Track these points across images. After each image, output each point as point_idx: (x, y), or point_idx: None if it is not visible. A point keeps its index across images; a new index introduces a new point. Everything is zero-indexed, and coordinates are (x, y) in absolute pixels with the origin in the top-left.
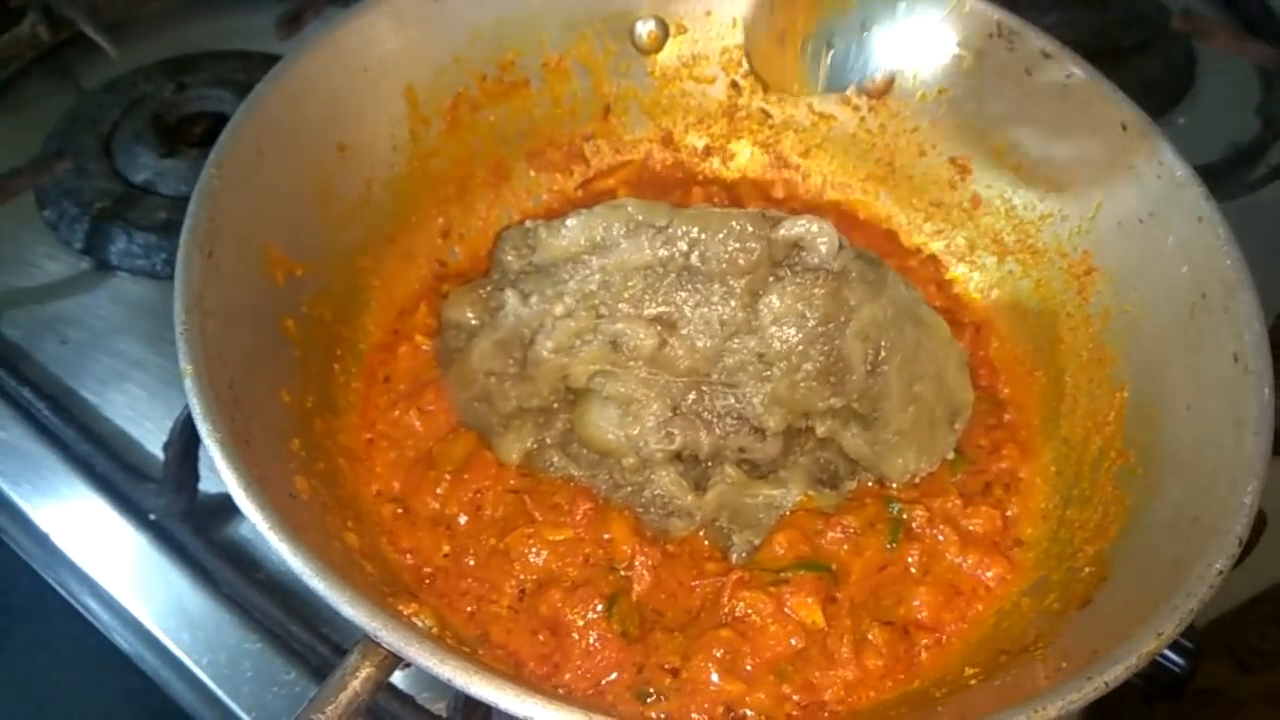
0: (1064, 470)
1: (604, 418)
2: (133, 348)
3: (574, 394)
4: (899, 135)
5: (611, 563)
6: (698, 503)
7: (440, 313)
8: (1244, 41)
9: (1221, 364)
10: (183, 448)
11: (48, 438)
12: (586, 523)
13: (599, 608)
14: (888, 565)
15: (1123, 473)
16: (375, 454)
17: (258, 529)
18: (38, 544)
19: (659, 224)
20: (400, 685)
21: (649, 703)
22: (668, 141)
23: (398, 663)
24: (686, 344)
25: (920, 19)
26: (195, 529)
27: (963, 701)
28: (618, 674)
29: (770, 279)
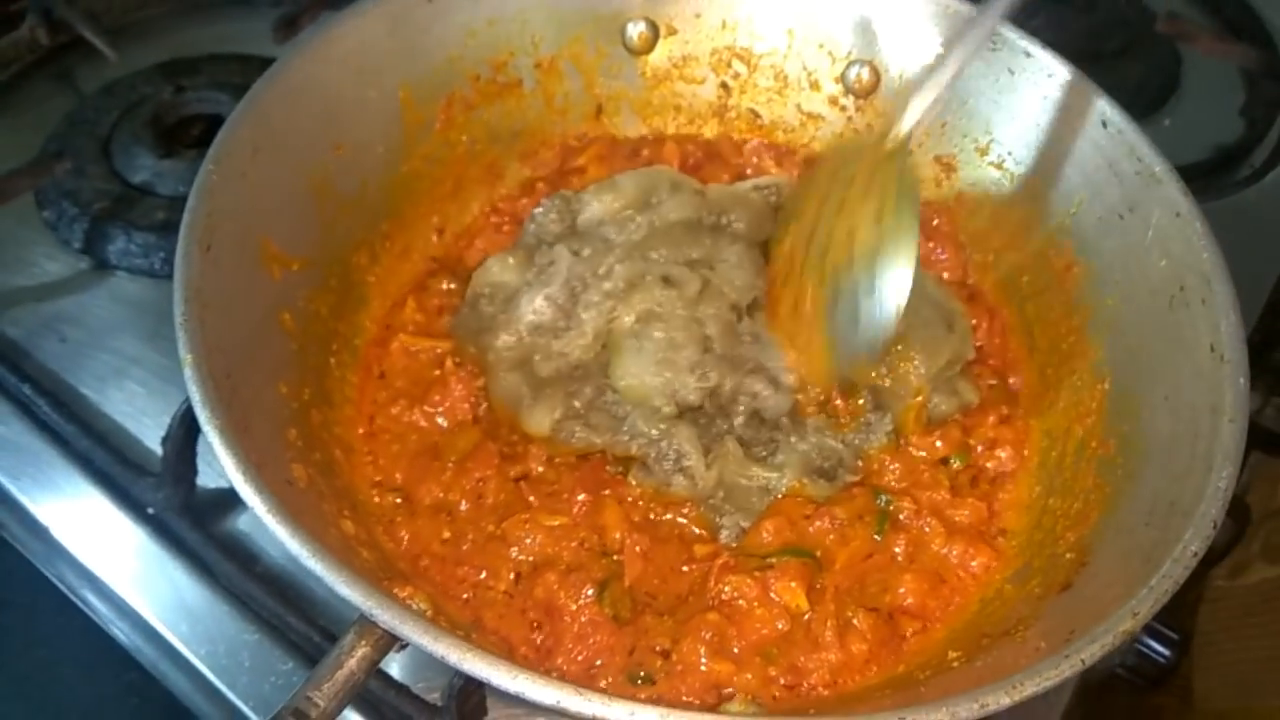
0: (1047, 461)
1: (641, 364)
2: (131, 345)
3: (610, 350)
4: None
5: (604, 548)
6: (703, 468)
7: (470, 284)
8: (1228, 44)
9: (1199, 354)
10: (181, 441)
11: (48, 434)
12: (582, 511)
13: (590, 592)
14: (874, 554)
15: (1103, 461)
16: (377, 447)
17: (256, 514)
18: (38, 538)
19: (696, 188)
20: (395, 675)
21: (640, 684)
22: (659, 141)
23: (393, 643)
24: (721, 287)
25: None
26: (193, 522)
27: (945, 682)
28: (609, 657)
29: None
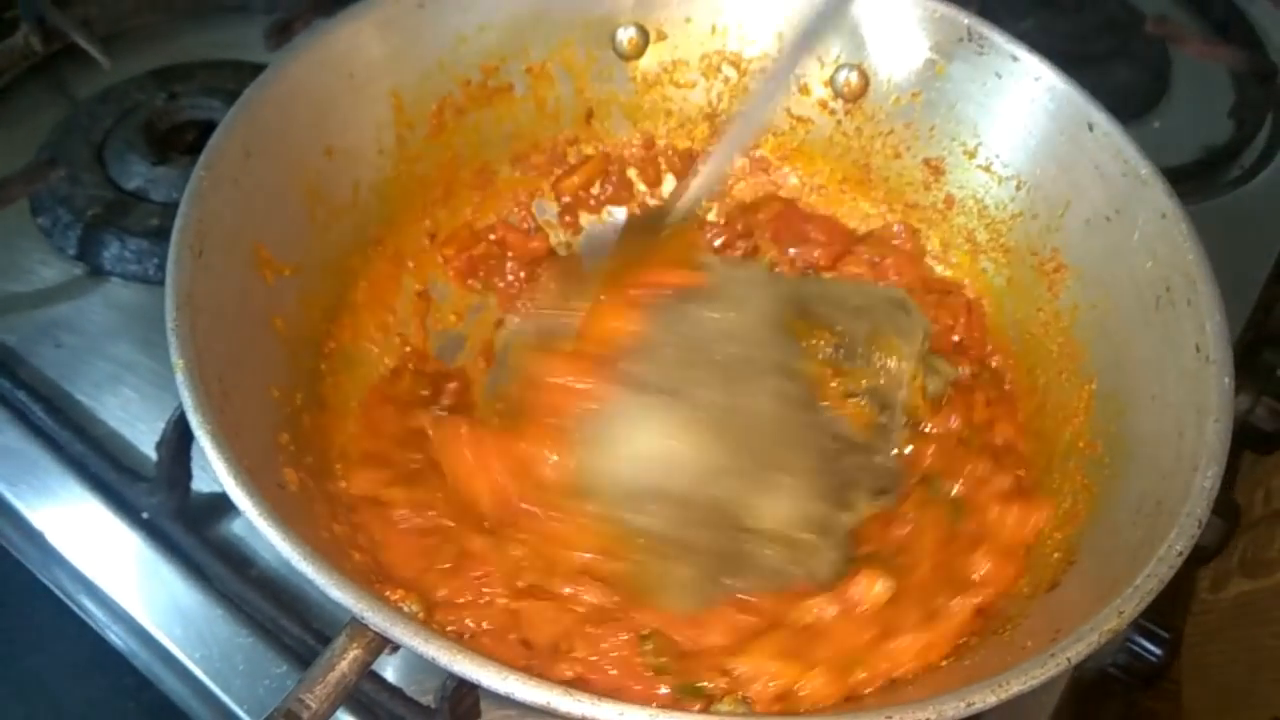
0: (1035, 462)
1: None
2: (126, 351)
3: None
4: (874, 138)
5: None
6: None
7: None
8: (1217, 46)
9: (1184, 355)
10: (175, 446)
11: (43, 439)
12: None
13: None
14: (949, 541)
15: (1090, 462)
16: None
17: (248, 520)
18: (33, 543)
19: None
20: (389, 677)
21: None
22: (649, 145)
23: (384, 645)
24: None
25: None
26: (188, 527)
27: (931, 681)
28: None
29: None
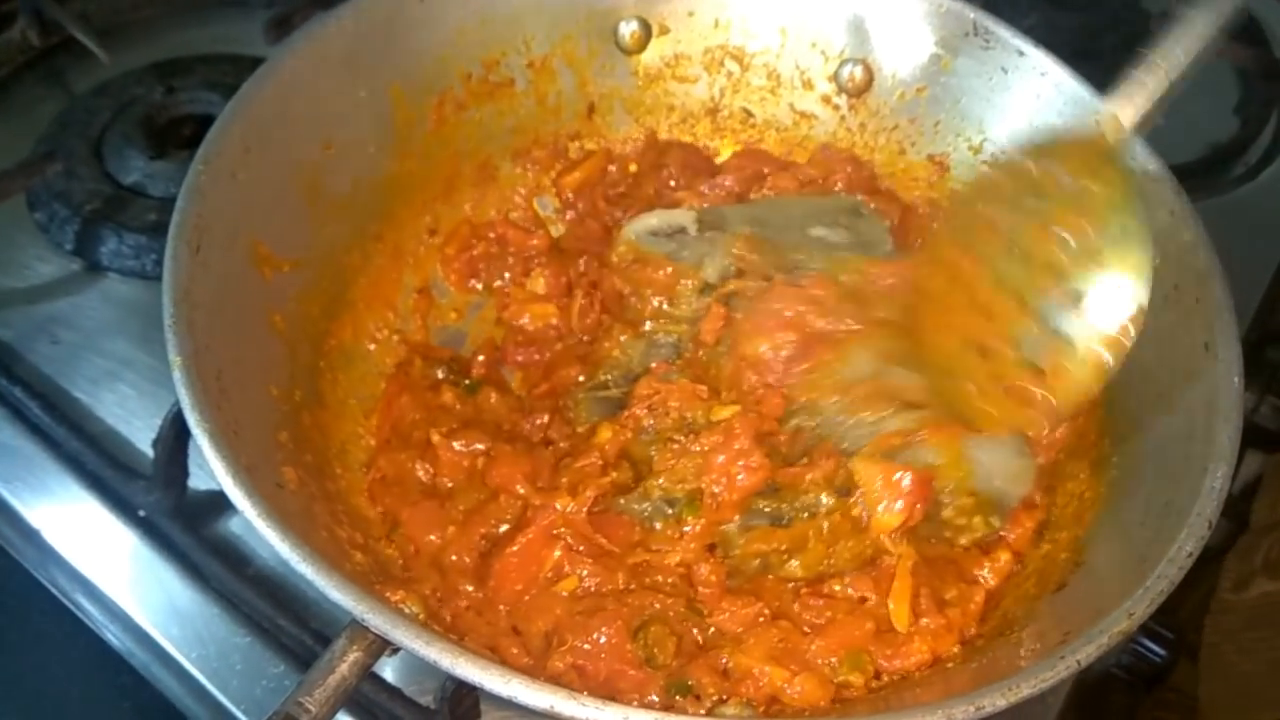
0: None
1: None
2: (123, 348)
3: None
4: (879, 133)
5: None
6: None
7: None
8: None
9: (1193, 353)
10: (172, 444)
11: (39, 436)
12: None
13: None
14: None
15: (1098, 461)
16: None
17: (246, 519)
18: (29, 541)
19: None
20: (388, 678)
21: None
22: (652, 140)
23: (385, 647)
24: None
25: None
26: (185, 525)
27: (941, 684)
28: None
29: None
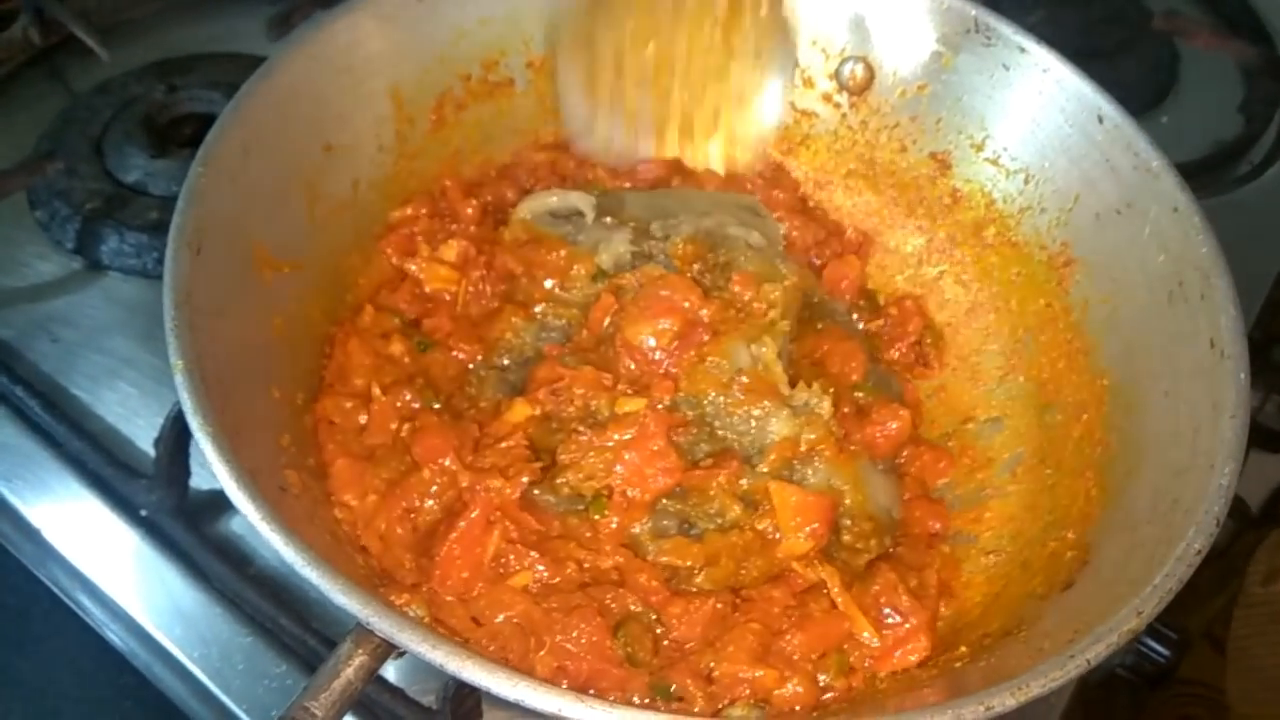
0: (1047, 458)
1: None
2: (124, 346)
3: None
4: (880, 131)
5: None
6: None
7: None
8: (1226, 40)
9: (1198, 350)
10: (174, 444)
11: (40, 435)
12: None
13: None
14: None
15: (1104, 459)
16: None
17: (249, 521)
18: (30, 540)
19: None
20: (391, 678)
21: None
22: None
23: (390, 651)
24: None
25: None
26: (187, 525)
27: (949, 683)
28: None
29: None
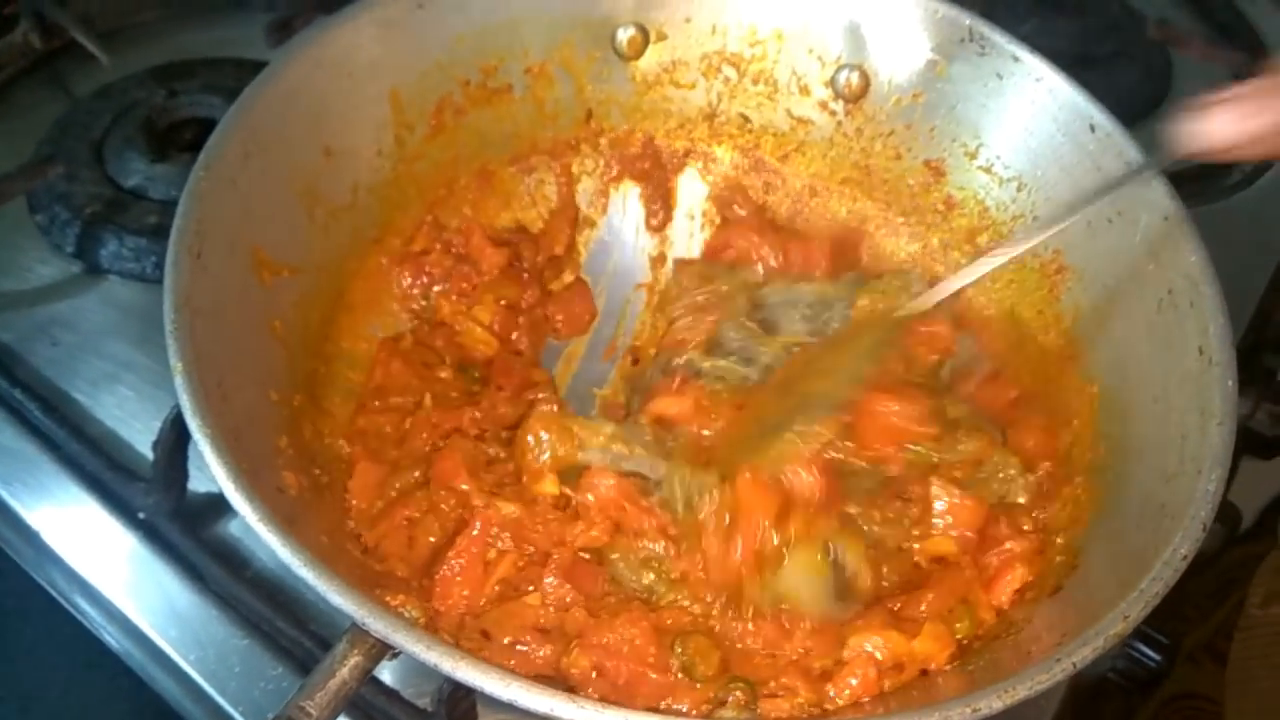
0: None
1: None
2: (123, 350)
3: None
4: (875, 139)
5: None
6: None
7: None
8: (1218, 49)
9: (1187, 357)
10: (172, 446)
11: (39, 438)
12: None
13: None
14: None
15: (1093, 465)
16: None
17: (247, 522)
18: (28, 543)
19: None
20: (386, 680)
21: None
22: (649, 145)
23: (386, 651)
24: None
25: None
26: (184, 527)
27: (936, 687)
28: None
29: None
